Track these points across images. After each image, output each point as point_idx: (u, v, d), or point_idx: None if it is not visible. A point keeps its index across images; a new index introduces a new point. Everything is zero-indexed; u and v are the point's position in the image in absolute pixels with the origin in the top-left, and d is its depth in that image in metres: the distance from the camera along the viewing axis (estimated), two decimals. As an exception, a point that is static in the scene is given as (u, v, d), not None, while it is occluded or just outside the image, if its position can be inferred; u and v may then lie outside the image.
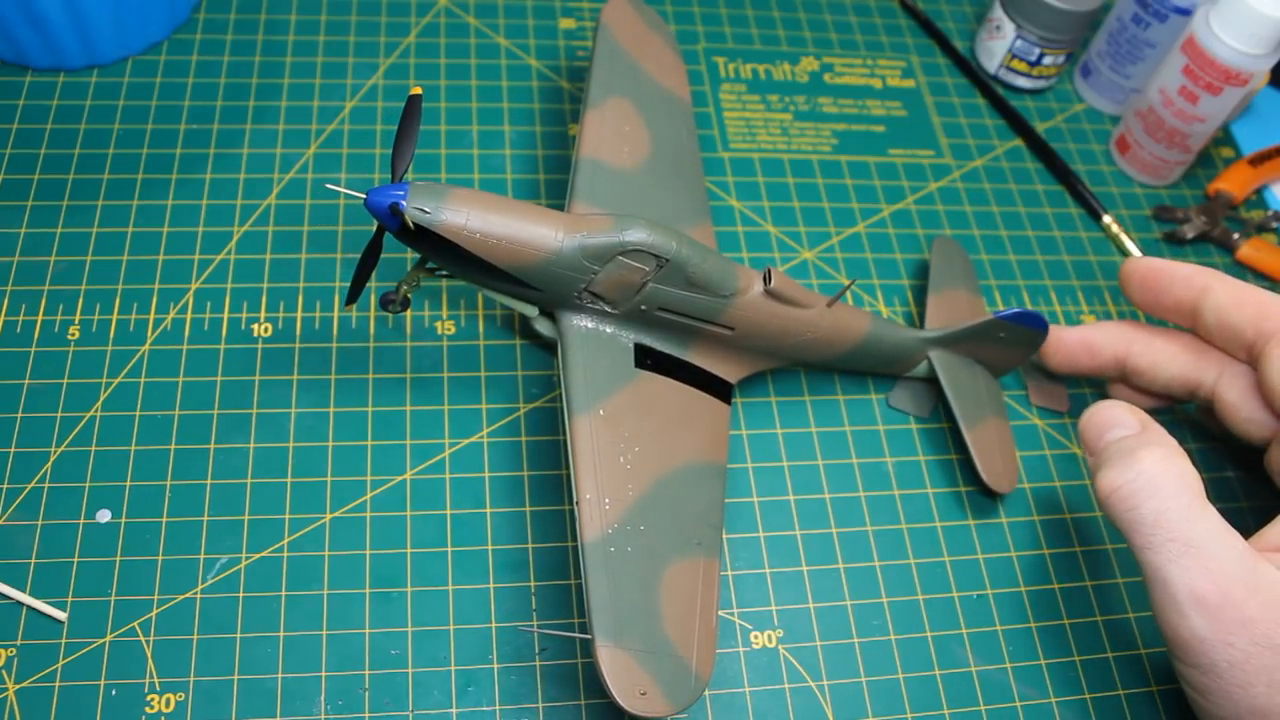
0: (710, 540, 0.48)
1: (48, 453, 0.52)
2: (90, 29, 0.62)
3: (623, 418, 0.49)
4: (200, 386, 0.54)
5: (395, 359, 0.57)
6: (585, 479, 0.47)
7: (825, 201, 0.67)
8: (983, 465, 0.56)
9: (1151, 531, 0.45)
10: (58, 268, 0.57)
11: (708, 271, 0.50)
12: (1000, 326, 0.57)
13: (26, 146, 0.61)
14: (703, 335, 0.53)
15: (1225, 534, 0.45)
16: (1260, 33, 0.62)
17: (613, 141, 0.58)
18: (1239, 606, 0.43)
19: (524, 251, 0.48)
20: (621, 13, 0.64)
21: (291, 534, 0.51)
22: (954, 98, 0.75)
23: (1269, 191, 0.74)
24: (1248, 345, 0.53)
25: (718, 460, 0.51)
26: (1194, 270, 0.55)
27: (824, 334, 0.54)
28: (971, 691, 0.52)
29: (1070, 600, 0.55)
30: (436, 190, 0.47)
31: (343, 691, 0.48)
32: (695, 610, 0.46)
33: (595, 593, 0.44)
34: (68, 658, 0.47)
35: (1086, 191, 0.71)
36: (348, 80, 0.67)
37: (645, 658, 0.43)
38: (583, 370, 0.50)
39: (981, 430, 0.57)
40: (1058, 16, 0.71)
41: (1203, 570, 0.44)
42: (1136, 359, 0.57)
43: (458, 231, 0.46)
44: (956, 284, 0.63)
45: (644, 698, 0.42)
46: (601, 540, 0.45)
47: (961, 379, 0.58)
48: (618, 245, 0.48)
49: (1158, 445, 0.47)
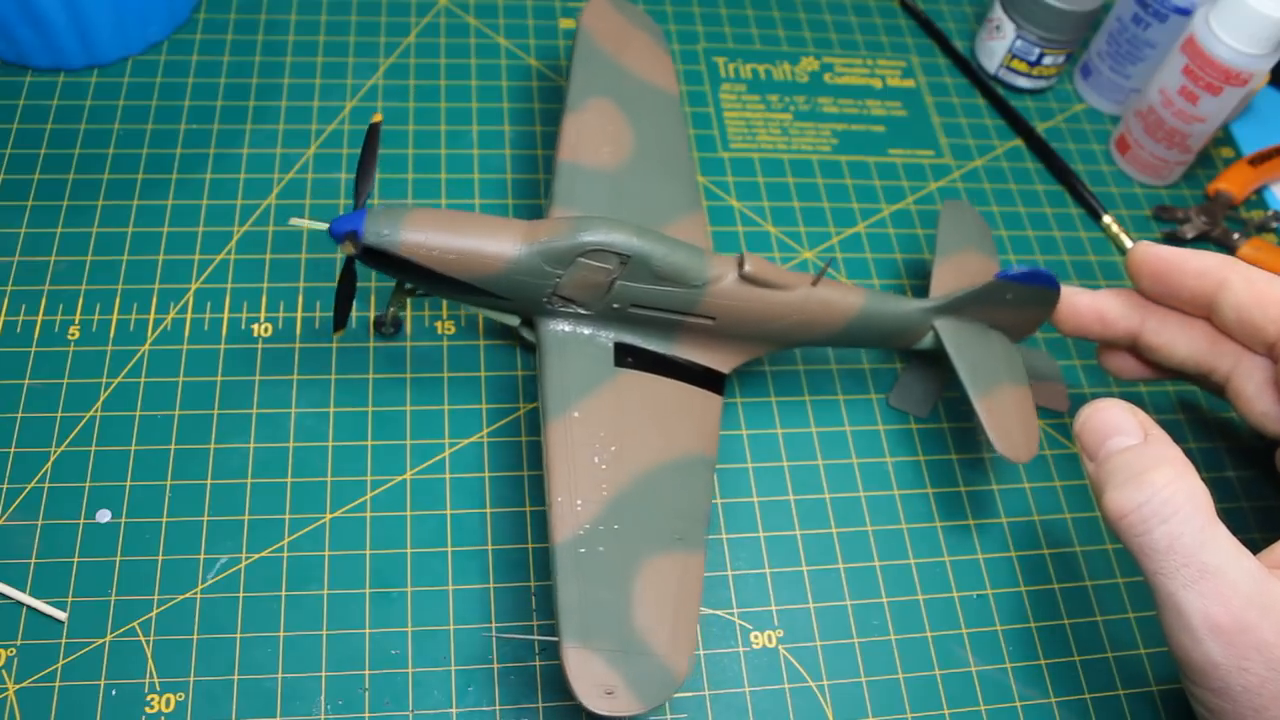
0: (693, 534, 0.48)
1: (48, 453, 0.52)
2: (90, 29, 0.62)
3: (599, 418, 0.49)
4: (200, 386, 0.54)
5: (395, 359, 0.57)
6: (557, 482, 0.47)
7: (825, 201, 0.67)
8: (995, 434, 0.53)
9: (1165, 557, 0.44)
10: (58, 268, 0.57)
11: (675, 263, 0.50)
12: (1006, 288, 0.54)
13: (26, 146, 0.61)
14: (685, 328, 0.52)
15: (1238, 555, 0.44)
16: (1260, 33, 0.62)
17: (592, 143, 0.58)
18: (1253, 631, 0.42)
19: (485, 263, 0.49)
20: (601, 14, 0.64)
21: (291, 534, 0.51)
22: (954, 98, 0.75)
23: (1269, 191, 0.74)
24: (1269, 343, 0.51)
25: (705, 453, 0.51)
26: (1209, 264, 0.52)
27: (812, 314, 0.53)
28: (971, 691, 0.52)
29: (1070, 600, 0.55)
30: (394, 213, 0.48)
31: (343, 691, 0.48)
32: (672, 606, 0.45)
33: (564, 594, 0.44)
34: (68, 658, 0.47)
35: (1086, 191, 0.71)
36: (348, 80, 0.67)
37: (615, 657, 0.43)
38: (558, 374, 0.50)
39: (995, 399, 0.54)
40: (1058, 16, 0.71)
41: (1217, 596, 0.43)
42: (1150, 336, 0.55)
43: (416, 251, 0.48)
44: (966, 247, 0.60)
45: (610, 697, 0.42)
46: (572, 541, 0.45)
47: (971, 347, 0.56)
48: (576, 247, 0.48)
49: (1167, 464, 0.45)
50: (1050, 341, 0.64)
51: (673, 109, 0.63)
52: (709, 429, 0.52)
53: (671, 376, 0.52)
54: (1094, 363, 0.64)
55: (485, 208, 0.63)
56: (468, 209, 0.63)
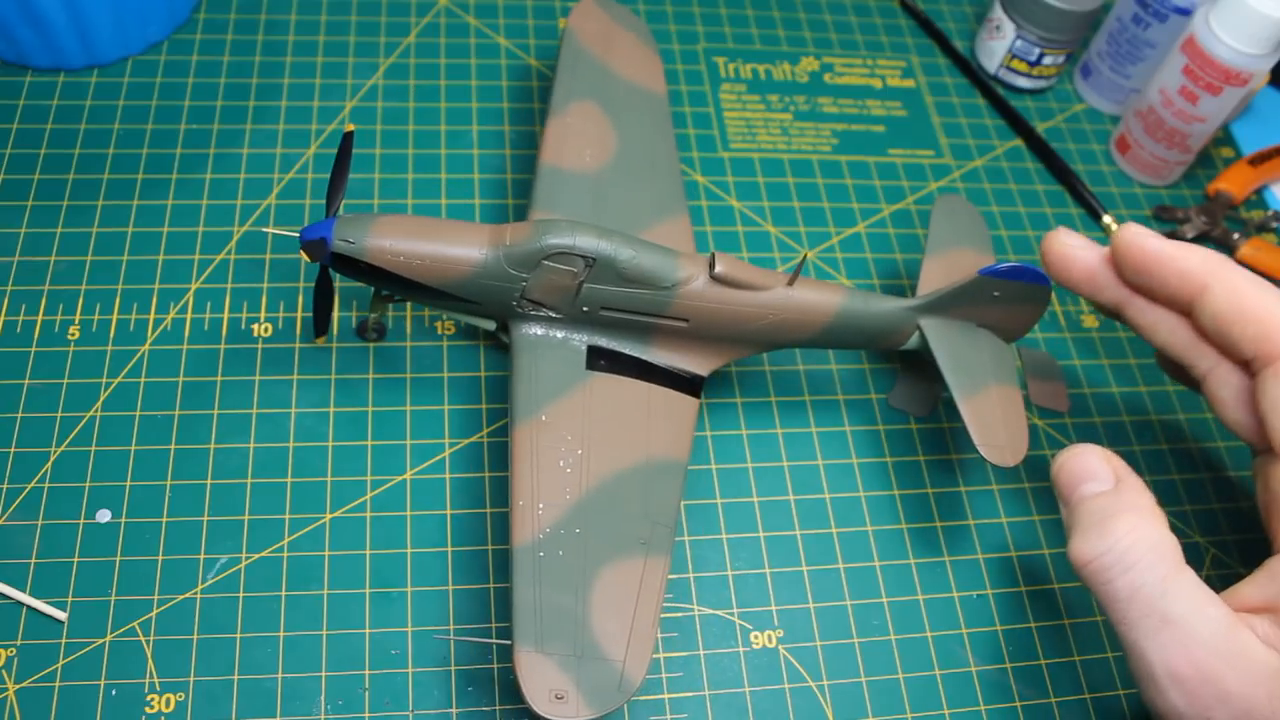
0: (658, 539, 0.47)
1: (48, 453, 0.52)
2: (90, 29, 0.62)
3: (567, 421, 0.49)
4: (200, 386, 0.54)
5: (395, 359, 0.57)
6: (520, 485, 0.47)
7: (825, 201, 0.67)
8: (980, 437, 0.52)
9: (1127, 606, 0.43)
10: (58, 268, 0.57)
11: (641, 265, 0.50)
12: (992, 285, 0.53)
13: (26, 146, 0.61)
14: (658, 330, 0.52)
15: (1204, 604, 0.43)
16: (1260, 33, 0.62)
17: (574, 146, 0.58)
18: (1217, 682, 0.42)
19: (451, 268, 0.49)
20: (589, 15, 0.65)
21: (291, 534, 0.51)
22: (954, 98, 0.75)
23: (1269, 191, 0.74)
24: (1244, 360, 0.50)
25: (676, 457, 0.50)
26: (1192, 265, 0.50)
27: (790, 315, 0.52)
28: (971, 691, 0.52)
29: (1070, 600, 0.55)
30: (361, 221, 0.49)
31: (343, 691, 0.48)
32: (631, 611, 0.45)
33: (520, 597, 0.44)
34: (68, 658, 0.47)
35: (1086, 191, 0.71)
36: (348, 80, 0.67)
37: (568, 662, 0.43)
38: (527, 377, 0.50)
39: (981, 400, 0.53)
40: (1058, 16, 0.71)
41: (1179, 647, 0.42)
42: (1134, 315, 0.53)
43: (383, 257, 0.49)
44: (960, 244, 0.59)
45: (559, 702, 0.42)
46: (531, 545, 0.45)
47: (957, 347, 0.54)
48: (540, 250, 0.49)
49: (1132, 511, 0.45)
50: (1050, 342, 0.64)
51: (659, 110, 0.63)
52: (682, 432, 0.51)
53: (646, 380, 0.52)
54: (1094, 363, 0.64)
55: (485, 208, 0.63)
56: (468, 209, 0.63)
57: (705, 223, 0.65)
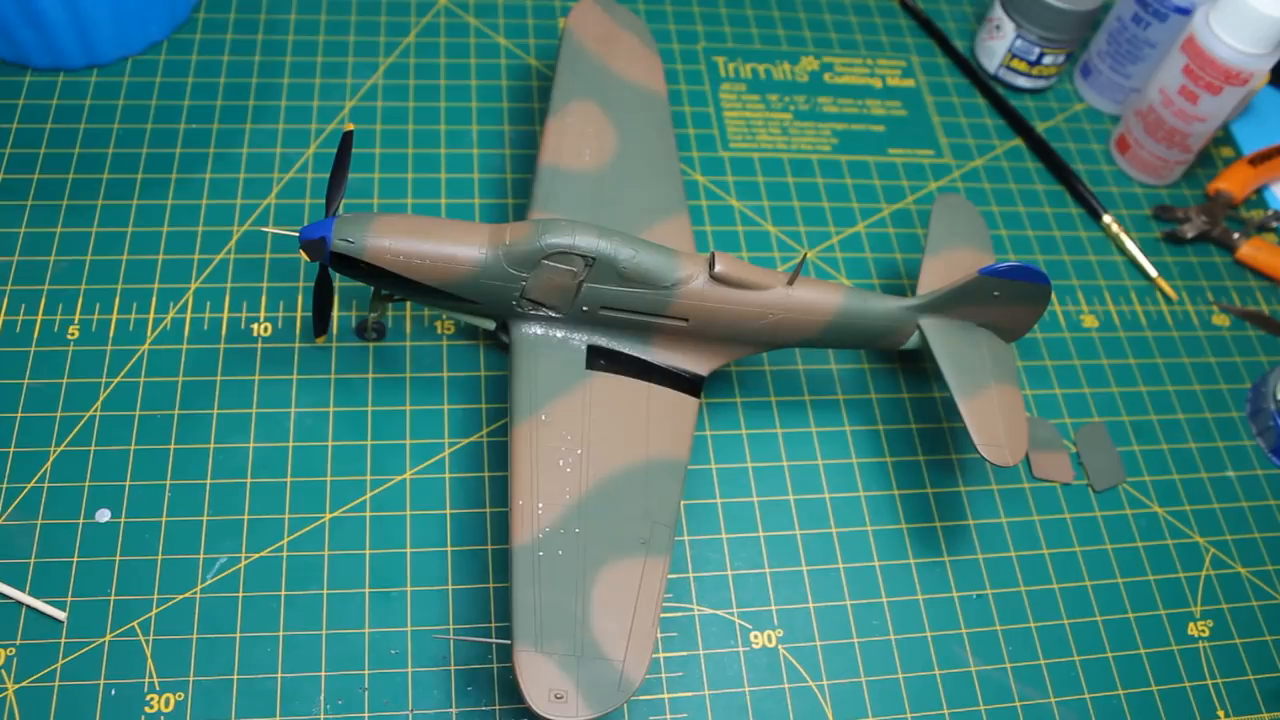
0: (658, 539, 0.48)
1: (47, 452, 0.52)
2: (90, 29, 0.62)
3: (566, 421, 0.49)
4: (200, 386, 0.54)
5: (395, 359, 0.57)
6: (519, 485, 0.47)
7: (825, 201, 0.67)
8: (979, 436, 0.52)
9: None
10: (58, 268, 0.57)
11: (641, 264, 0.50)
12: (992, 284, 0.53)
13: (26, 146, 0.61)
14: (658, 330, 0.52)
15: None
16: (1260, 33, 0.62)
17: (573, 146, 0.58)
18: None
19: (451, 268, 0.49)
20: (588, 15, 0.65)
21: (291, 534, 0.51)
22: (954, 98, 0.75)
23: (1269, 191, 0.74)
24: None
25: (676, 456, 0.51)
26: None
27: (790, 315, 0.52)
28: (971, 691, 0.52)
29: (1070, 600, 0.55)
30: (361, 220, 0.49)
31: (342, 691, 0.48)
32: (631, 611, 0.45)
33: (519, 597, 0.44)
34: (67, 657, 0.47)
35: (1086, 191, 0.71)
36: (348, 80, 0.67)
37: (568, 661, 0.43)
38: (527, 377, 0.50)
39: (981, 399, 0.53)
40: (1058, 16, 0.70)
41: None
42: None
43: (382, 256, 0.49)
44: (959, 243, 0.59)
45: (559, 702, 0.42)
46: (531, 545, 0.45)
47: (957, 346, 0.54)
48: (539, 250, 0.49)
49: None
50: (1050, 343, 0.64)
51: (659, 110, 0.63)
52: (681, 432, 0.51)
53: (646, 379, 0.52)
54: (1094, 363, 0.64)
55: (485, 207, 0.63)
56: (468, 209, 0.63)
57: (705, 222, 0.65)
